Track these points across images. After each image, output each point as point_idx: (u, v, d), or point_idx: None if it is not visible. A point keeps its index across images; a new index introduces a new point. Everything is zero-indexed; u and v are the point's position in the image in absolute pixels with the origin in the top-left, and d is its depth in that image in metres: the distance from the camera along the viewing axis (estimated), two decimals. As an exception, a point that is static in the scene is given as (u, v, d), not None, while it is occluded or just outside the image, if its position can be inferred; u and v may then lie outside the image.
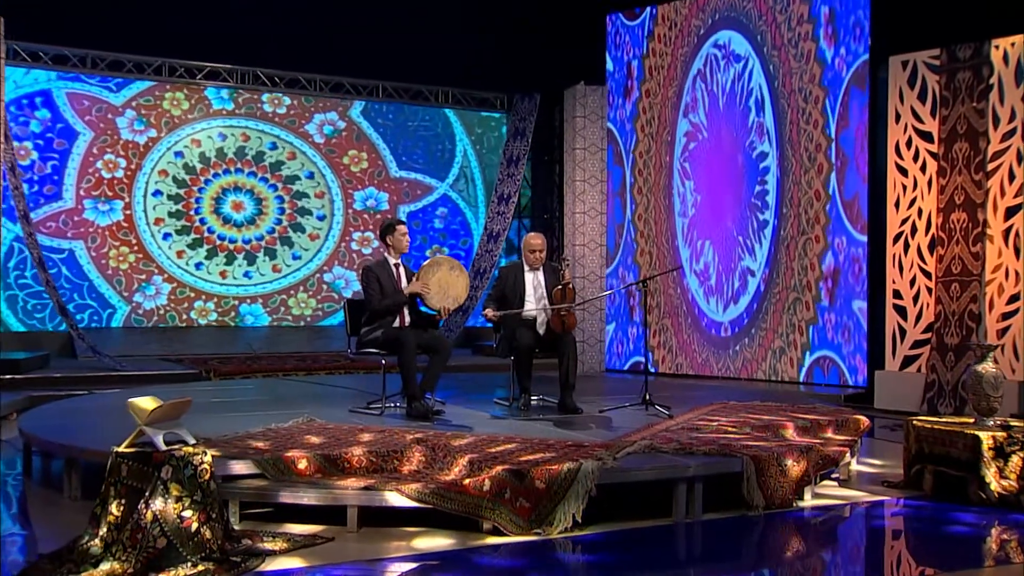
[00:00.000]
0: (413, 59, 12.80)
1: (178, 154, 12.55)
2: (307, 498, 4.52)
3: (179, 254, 12.54)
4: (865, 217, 9.55)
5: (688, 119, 11.38)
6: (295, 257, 13.23)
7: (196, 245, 12.65)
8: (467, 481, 4.53)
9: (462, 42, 12.57)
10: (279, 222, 13.14)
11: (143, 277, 12.33)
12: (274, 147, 13.10)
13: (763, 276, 10.56)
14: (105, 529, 3.95)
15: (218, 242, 12.77)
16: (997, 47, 8.40)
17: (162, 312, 12.38)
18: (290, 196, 13.17)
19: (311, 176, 13.32)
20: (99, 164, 12.09)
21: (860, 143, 9.58)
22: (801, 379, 10.12)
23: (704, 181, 11.23)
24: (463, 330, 12.56)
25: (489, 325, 7.47)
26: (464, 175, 14.14)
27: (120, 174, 12.21)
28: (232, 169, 12.86)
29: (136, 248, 12.29)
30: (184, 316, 12.51)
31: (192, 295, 12.62)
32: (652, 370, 11.39)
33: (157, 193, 12.43)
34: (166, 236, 12.48)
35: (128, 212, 12.24)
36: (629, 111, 12.05)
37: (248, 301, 12.94)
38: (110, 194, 12.13)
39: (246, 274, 12.95)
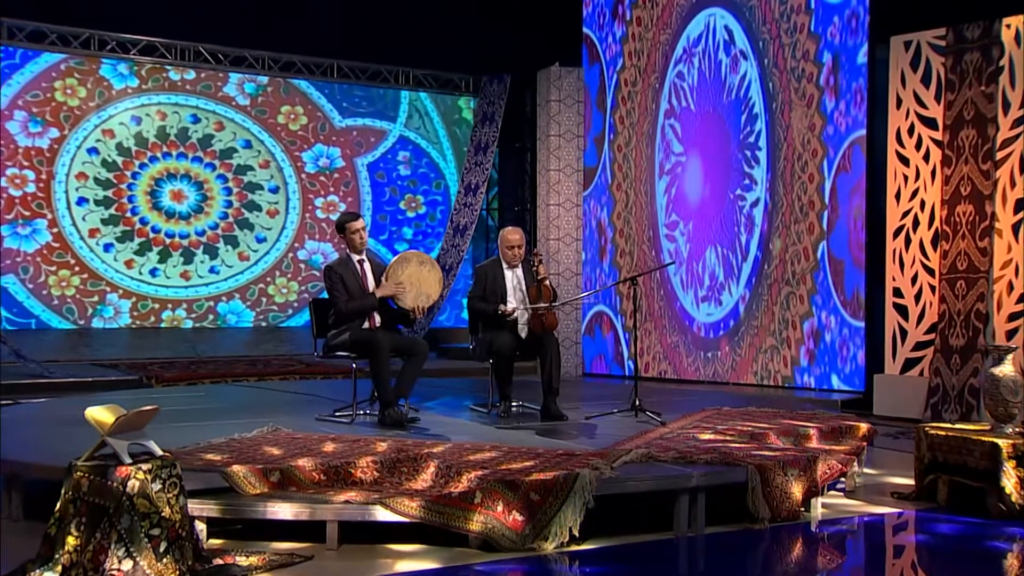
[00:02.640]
0: (370, 36, 12.79)
1: (92, 151, 12.02)
2: (283, 513, 4.52)
3: (128, 264, 12.14)
4: (848, 291, 9.67)
5: (677, 82, 11.49)
6: (259, 240, 12.89)
7: (145, 250, 12.24)
8: (456, 493, 4.57)
9: (424, 18, 12.59)
10: (229, 204, 12.80)
11: (95, 299, 11.92)
12: (196, 120, 12.63)
13: (741, 296, 10.74)
14: (62, 551, 3.92)
15: (168, 241, 12.38)
16: (1009, 26, 8.53)
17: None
18: (232, 172, 12.78)
19: (248, 145, 12.91)
20: (3, 182, 11.48)
21: (855, 239, 9.64)
22: (792, 383, 10.26)
23: (689, 160, 11.35)
24: (427, 331, 12.55)
25: (463, 326, 7.54)
26: (416, 110, 13.90)
27: (32, 188, 11.64)
28: (158, 155, 12.39)
29: (78, 268, 11.83)
30: (155, 330, 12.09)
31: (157, 306, 12.25)
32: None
33: (82, 201, 11.92)
34: (107, 247, 12.04)
35: (56, 230, 11.75)
36: (619, 34, 12.08)
37: (224, 299, 12.64)
38: (28, 214, 11.60)
39: (212, 269, 12.60)
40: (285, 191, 13.10)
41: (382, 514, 4.51)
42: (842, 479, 5.99)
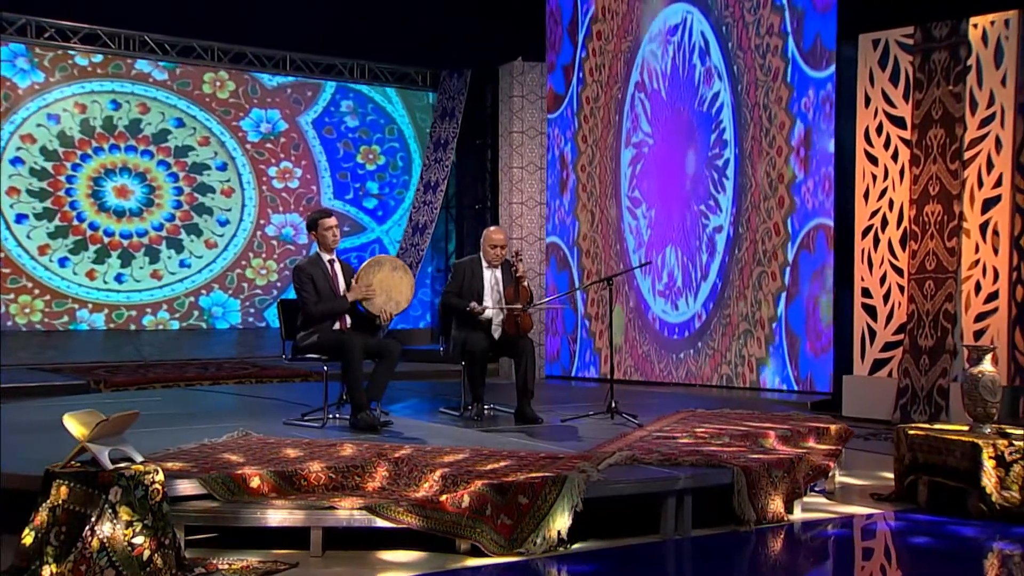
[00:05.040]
0: (324, 28, 12.73)
1: (16, 161, 11.47)
2: (267, 520, 4.53)
3: (90, 275, 11.70)
4: (803, 372, 9.86)
5: (650, 60, 11.59)
6: (222, 223, 12.50)
7: (103, 256, 11.83)
8: (444, 498, 4.62)
9: (381, 9, 12.57)
10: (180, 191, 12.38)
11: (66, 319, 11.52)
12: (117, 106, 12.13)
13: (696, 314, 10.90)
14: (40, 562, 3.90)
15: (125, 242, 11.98)
16: (976, 25, 8.75)
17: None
18: (172, 157, 12.36)
19: (180, 124, 12.46)
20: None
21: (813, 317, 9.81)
22: (760, 385, 10.42)
23: (656, 146, 11.46)
24: (387, 333, 12.54)
25: (424, 326, 7.61)
26: None
27: (-39, 213, 11.10)
28: (89, 151, 11.93)
29: (38, 291, 11.42)
30: (140, 336, 11.65)
31: (134, 312, 11.91)
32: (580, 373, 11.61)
33: (22, 218, 11.42)
34: (63, 262, 11.60)
35: (2, 254, 11.25)
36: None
37: (203, 292, 12.29)
38: (-35, 242, 11.10)
39: (182, 263, 12.24)
40: (234, 166, 12.69)
41: (369, 520, 4.53)
42: (823, 481, 6.13)
